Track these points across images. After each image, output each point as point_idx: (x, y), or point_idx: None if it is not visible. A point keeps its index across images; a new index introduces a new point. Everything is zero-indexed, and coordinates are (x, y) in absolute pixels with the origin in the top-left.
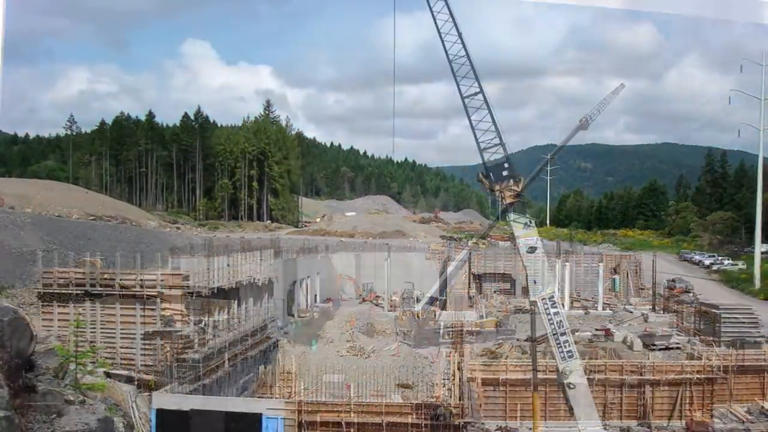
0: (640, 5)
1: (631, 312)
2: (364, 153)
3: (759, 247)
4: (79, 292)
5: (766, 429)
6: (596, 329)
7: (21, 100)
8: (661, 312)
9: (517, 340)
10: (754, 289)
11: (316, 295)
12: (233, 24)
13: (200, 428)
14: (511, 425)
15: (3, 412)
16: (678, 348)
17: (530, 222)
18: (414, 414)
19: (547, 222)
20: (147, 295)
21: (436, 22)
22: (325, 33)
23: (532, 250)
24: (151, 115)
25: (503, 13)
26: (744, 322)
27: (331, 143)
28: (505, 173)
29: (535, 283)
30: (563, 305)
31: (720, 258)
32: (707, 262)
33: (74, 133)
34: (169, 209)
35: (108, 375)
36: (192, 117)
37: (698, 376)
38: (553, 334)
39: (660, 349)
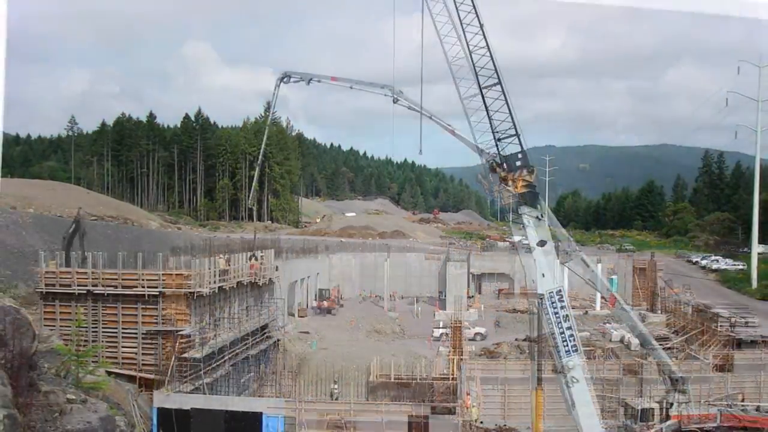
0: (639, 3)
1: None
2: (364, 154)
3: (756, 248)
4: (81, 291)
5: (763, 426)
6: (594, 329)
7: (23, 101)
8: (659, 311)
9: (516, 339)
10: (751, 289)
11: (315, 295)
12: (234, 25)
13: (201, 427)
14: (509, 424)
15: (6, 411)
16: (675, 347)
17: (542, 215)
18: (413, 412)
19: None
20: (148, 294)
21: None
22: (326, 34)
23: (542, 243)
24: (152, 116)
25: (503, 13)
26: (741, 322)
27: (331, 144)
28: (518, 163)
29: (543, 276)
30: None
31: (717, 258)
32: (704, 262)
33: (76, 134)
34: (170, 209)
35: (109, 374)
36: (193, 118)
37: (695, 374)
38: (558, 327)
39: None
